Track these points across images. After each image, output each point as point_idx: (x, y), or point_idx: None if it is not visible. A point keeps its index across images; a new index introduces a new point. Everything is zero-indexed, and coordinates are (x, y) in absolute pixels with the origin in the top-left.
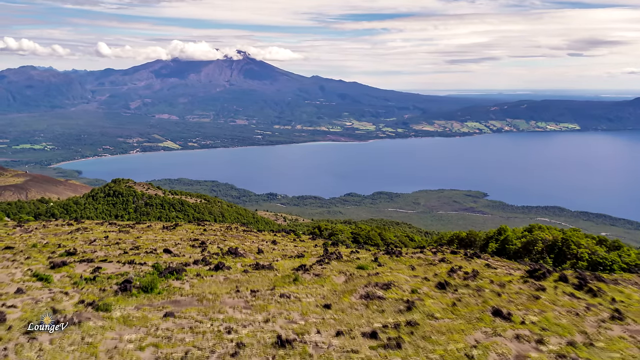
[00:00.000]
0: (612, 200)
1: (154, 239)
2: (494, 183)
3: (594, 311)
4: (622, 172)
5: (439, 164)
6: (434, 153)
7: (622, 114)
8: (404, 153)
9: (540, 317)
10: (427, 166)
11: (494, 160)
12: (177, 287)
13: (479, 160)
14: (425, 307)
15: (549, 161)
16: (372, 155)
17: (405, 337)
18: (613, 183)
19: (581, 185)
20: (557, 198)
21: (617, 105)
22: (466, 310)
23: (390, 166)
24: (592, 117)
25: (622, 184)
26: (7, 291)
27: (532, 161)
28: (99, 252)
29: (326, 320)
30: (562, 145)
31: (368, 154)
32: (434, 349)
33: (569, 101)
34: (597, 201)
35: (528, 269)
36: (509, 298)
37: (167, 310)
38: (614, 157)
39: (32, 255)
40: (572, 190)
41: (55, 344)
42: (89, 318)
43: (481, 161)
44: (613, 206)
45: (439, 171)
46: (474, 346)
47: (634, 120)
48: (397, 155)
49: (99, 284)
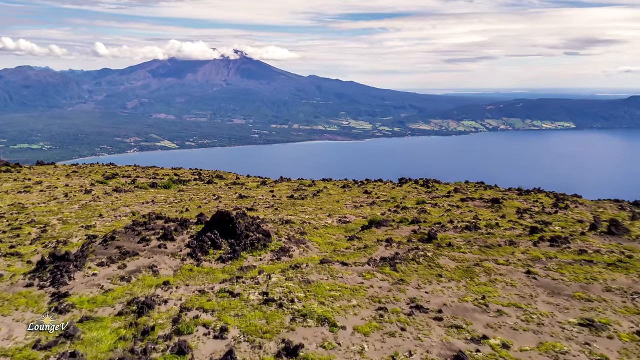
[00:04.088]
0: (603, 192)
1: (166, 174)
2: (490, 178)
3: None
4: (613, 169)
5: (436, 162)
6: (430, 151)
7: (617, 113)
8: (400, 151)
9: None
10: (423, 164)
11: (490, 157)
12: (183, 187)
13: (474, 157)
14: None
15: (543, 158)
16: (368, 154)
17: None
18: (604, 177)
19: (573, 179)
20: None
21: (612, 104)
22: (351, 194)
23: (387, 164)
24: (587, 115)
25: (614, 178)
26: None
27: (527, 158)
28: (134, 174)
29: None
30: (555, 143)
31: (364, 152)
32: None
33: (565, 100)
34: (590, 193)
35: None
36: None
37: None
38: (607, 154)
39: (91, 174)
40: (565, 185)
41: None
42: (132, 191)
43: (477, 158)
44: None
45: (435, 169)
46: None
47: (628, 118)
48: (393, 154)
49: (137, 184)
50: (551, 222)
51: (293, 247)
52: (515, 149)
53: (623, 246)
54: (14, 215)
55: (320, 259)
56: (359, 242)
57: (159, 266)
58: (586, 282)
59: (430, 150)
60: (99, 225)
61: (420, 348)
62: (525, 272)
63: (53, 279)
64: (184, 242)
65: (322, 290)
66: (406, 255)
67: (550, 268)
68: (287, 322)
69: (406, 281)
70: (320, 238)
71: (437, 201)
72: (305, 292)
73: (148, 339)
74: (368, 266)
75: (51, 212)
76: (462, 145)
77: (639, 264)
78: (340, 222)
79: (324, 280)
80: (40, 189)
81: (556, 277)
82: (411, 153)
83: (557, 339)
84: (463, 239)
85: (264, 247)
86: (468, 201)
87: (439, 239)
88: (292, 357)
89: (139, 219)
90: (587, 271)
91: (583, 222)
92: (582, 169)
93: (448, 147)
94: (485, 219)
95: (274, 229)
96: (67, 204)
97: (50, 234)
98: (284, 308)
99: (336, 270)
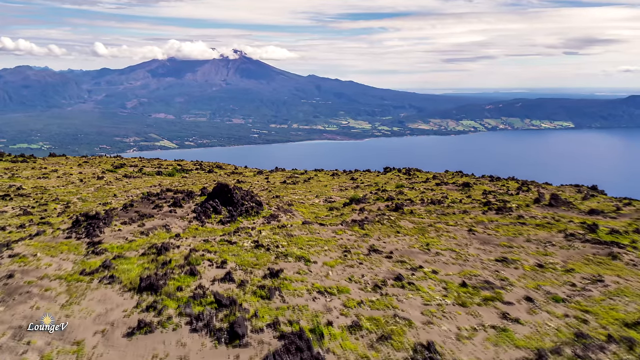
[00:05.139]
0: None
1: (170, 164)
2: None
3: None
4: (610, 167)
5: (435, 161)
6: (429, 151)
7: (616, 112)
8: (399, 151)
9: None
10: (422, 163)
11: (489, 156)
12: (186, 175)
13: (474, 157)
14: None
15: (541, 156)
16: (367, 154)
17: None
18: (602, 175)
19: (572, 177)
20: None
21: (611, 104)
22: (339, 180)
23: (386, 163)
24: (586, 115)
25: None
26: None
27: (525, 156)
28: (140, 164)
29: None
30: (554, 142)
31: (364, 152)
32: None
33: (564, 99)
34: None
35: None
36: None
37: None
38: (605, 153)
39: (101, 164)
40: (563, 181)
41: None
42: (140, 177)
43: (476, 158)
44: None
45: (435, 169)
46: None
47: (627, 118)
48: (392, 153)
49: (144, 172)
50: (510, 200)
51: (281, 214)
52: (514, 148)
53: (557, 214)
54: (39, 195)
55: (303, 221)
56: (337, 212)
57: (170, 226)
58: (513, 236)
59: (429, 150)
60: (114, 202)
61: (371, 273)
62: (467, 230)
63: (87, 232)
64: (190, 208)
65: (301, 240)
66: (373, 219)
67: (489, 228)
68: (272, 259)
69: (370, 235)
70: (305, 209)
71: (415, 185)
72: (288, 242)
73: (167, 267)
74: (341, 226)
75: (71, 193)
76: (462, 144)
77: (561, 225)
78: (325, 202)
79: (304, 234)
80: (57, 175)
81: (491, 233)
82: (410, 152)
83: (475, 269)
84: (426, 210)
85: (257, 214)
86: (442, 185)
87: (405, 209)
88: (274, 277)
89: (152, 191)
90: (518, 230)
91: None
92: (582, 169)
93: (447, 146)
94: (452, 198)
95: (266, 201)
96: (84, 187)
97: (73, 209)
98: (270, 251)
99: (315, 228)
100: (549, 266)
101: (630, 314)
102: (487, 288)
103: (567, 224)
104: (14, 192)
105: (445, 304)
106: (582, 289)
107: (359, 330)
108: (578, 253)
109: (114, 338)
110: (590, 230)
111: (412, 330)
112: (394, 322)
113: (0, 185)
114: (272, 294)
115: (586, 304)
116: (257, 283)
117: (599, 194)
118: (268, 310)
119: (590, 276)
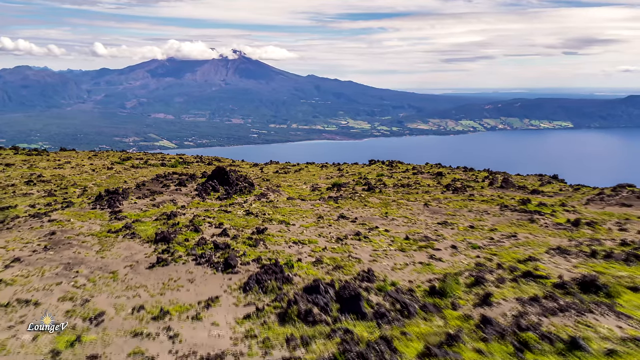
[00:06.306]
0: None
1: (172, 157)
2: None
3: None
4: (611, 167)
5: (433, 161)
6: (428, 151)
7: (615, 112)
8: (398, 151)
9: (357, 170)
10: (420, 163)
11: (486, 156)
12: (187, 166)
13: (473, 156)
14: (310, 170)
15: (539, 156)
16: (366, 153)
17: (293, 173)
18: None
19: (573, 178)
20: None
21: (610, 103)
22: (327, 171)
23: None
24: (585, 115)
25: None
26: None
27: (524, 156)
28: (145, 157)
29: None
30: (553, 142)
31: (363, 152)
32: (306, 175)
33: (563, 99)
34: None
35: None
36: (349, 169)
37: (184, 169)
38: (604, 153)
39: (109, 157)
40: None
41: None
42: (146, 167)
43: (476, 157)
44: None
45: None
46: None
47: (626, 118)
48: (391, 153)
49: (149, 163)
50: (473, 186)
51: (270, 193)
52: (512, 148)
53: (504, 193)
54: (58, 181)
55: (287, 197)
56: (318, 192)
57: (177, 200)
58: (459, 208)
59: (427, 150)
60: (126, 187)
61: (337, 232)
62: (424, 204)
63: (109, 204)
64: (193, 187)
65: (285, 211)
66: (347, 196)
67: (442, 203)
68: (260, 222)
69: (341, 207)
70: (291, 189)
71: (394, 175)
72: (273, 211)
73: (176, 227)
74: (319, 201)
75: (86, 179)
76: (460, 144)
77: (502, 200)
78: (312, 189)
79: (287, 207)
80: (70, 166)
81: (442, 206)
82: (409, 152)
83: (419, 229)
84: (395, 190)
85: (249, 193)
86: (418, 174)
87: (376, 190)
88: (260, 233)
89: (160, 173)
90: (465, 204)
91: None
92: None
93: (445, 146)
94: (423, 183)
95: (257, 183)
96: (96, 175)
97: (90, 193)
98: (258, 217)
99: (297, 203)
100: (479, 227)
101: (525, 255)
102: (424, 240)
103: (508, 201)
104: (36, 179)
105: (389, 250)
106: (497, 241)
107: (320, 264)
108: (506, 219)
109: (139, 269)
110: (522, 203)
111: (360, 264)
112: (347, 260)
113: (22, 173)
114: (257, 243)
115: (496, 249)
116: (246, 236)
117: (557, 182)
118: (254, 252)
119: (508, 233)
